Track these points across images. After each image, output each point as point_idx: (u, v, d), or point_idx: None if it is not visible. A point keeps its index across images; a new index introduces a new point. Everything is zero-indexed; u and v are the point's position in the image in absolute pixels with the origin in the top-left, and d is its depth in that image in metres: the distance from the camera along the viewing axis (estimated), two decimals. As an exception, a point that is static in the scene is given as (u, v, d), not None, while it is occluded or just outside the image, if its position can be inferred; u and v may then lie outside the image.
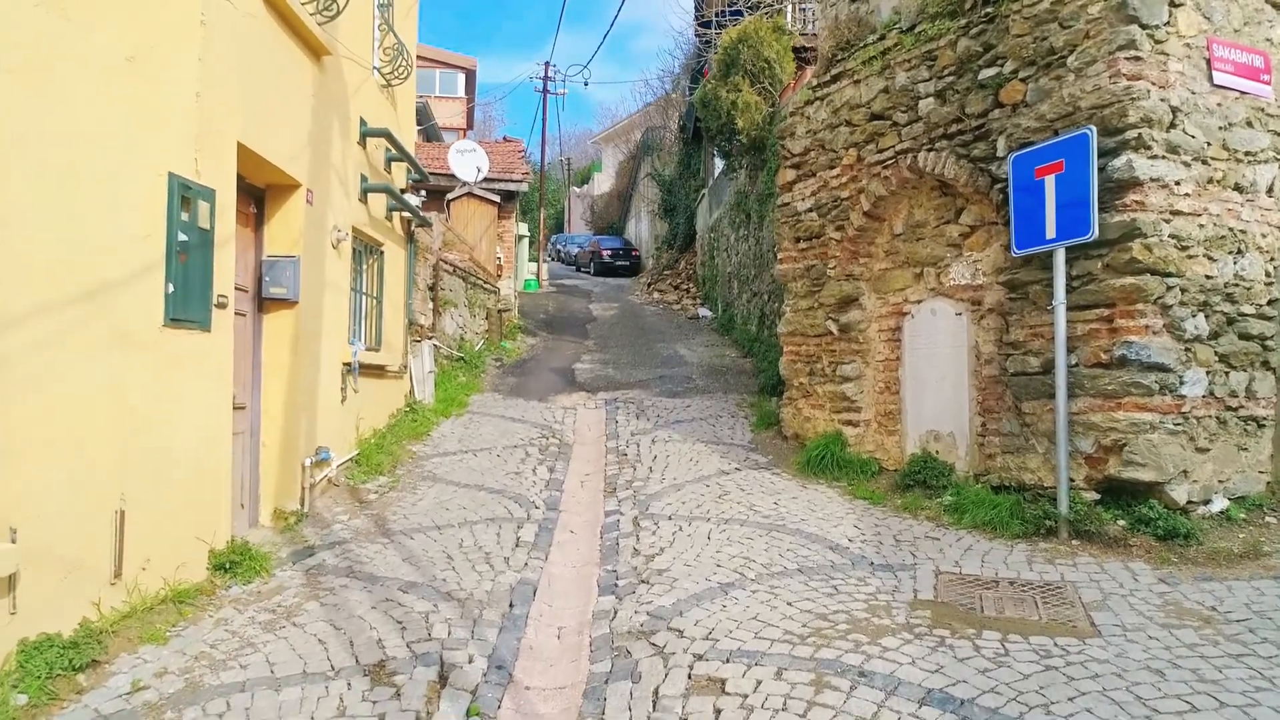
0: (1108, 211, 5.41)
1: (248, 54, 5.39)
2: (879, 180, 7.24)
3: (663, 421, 9.66)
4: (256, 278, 6.18)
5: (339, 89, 7.09)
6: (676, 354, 14.51)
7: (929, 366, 7.04)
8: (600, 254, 33.71)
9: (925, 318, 7.10)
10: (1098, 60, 5.48)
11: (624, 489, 7.20)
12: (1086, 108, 5.52)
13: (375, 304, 8.48)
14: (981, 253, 6.62)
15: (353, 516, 6.38)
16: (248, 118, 5.40)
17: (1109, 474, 5.41)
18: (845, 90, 7.70)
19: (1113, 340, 5.40)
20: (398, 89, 8.87)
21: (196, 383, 4.83)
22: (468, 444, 8.68)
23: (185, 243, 4.67)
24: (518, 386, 11.78)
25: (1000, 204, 6.20)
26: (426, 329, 10.26)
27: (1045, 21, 5.84)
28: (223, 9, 5.04)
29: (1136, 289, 5.29)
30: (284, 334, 6.28)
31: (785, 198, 8.59)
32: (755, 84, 12.84)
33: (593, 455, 8.59)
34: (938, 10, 6.74)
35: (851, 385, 7.65)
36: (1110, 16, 5.44)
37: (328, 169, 6.87)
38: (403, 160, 8.70)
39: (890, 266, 7.49)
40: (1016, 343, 6.04)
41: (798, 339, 8.36)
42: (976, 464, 6.58)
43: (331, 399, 7.06)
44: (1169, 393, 5.34)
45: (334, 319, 7.09)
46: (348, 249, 7.37)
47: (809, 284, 8.16)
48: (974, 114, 6.36)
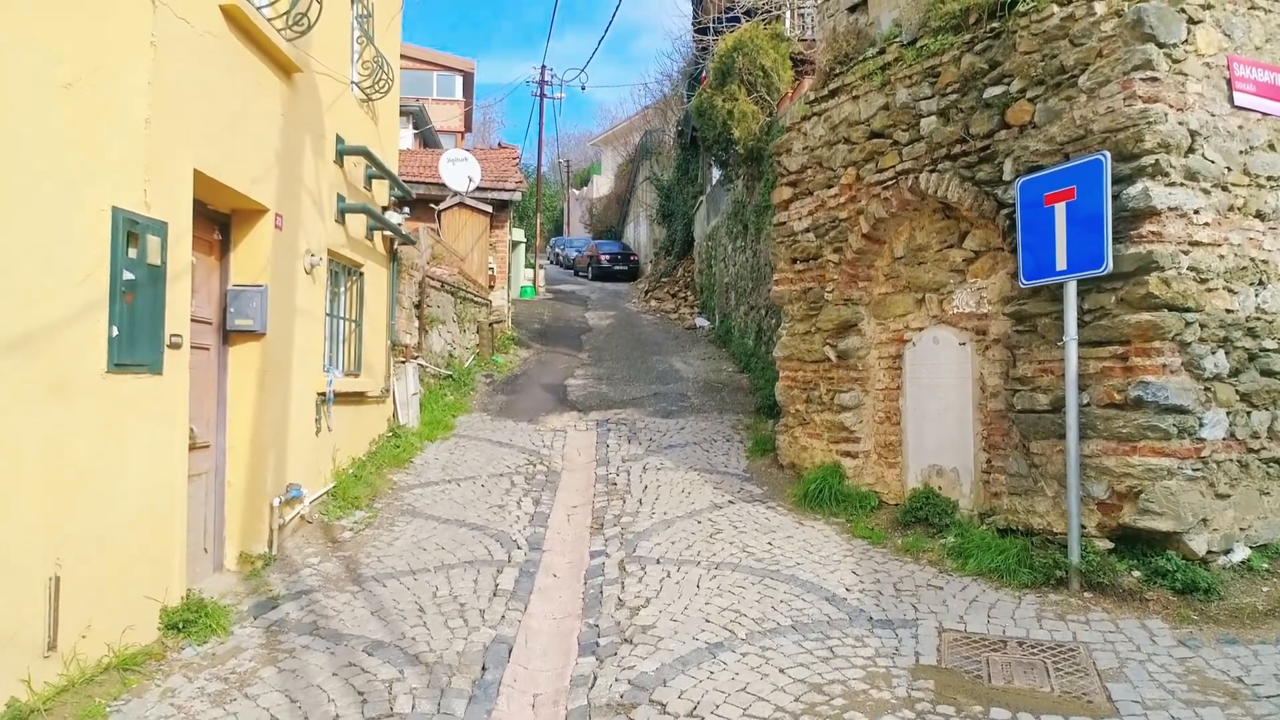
0: (1122, 242, 5.08)
1: (207, 75, 5.06)
2: (879, 202, 6.91)
3: (655, 446, 9.33)
4: (221, 308, 5.86)
5: (312, 106, 6.77)
6: (672, 368, 14.18)
7: (931, 398, 6.71)
8: (598, 259, 33.40)
9: (927, 346, 6.77)
10: (1111, 81, 5.15)
11: (611, 525, 6.87)
12: (1099, 131, 5.19)
13: (354, 328, 8.16)
14: (986, 280, 6.29)
15: (324, 559, 6.05)
16: (207, 142, 5.07)
17: (1123, 522, 5.08)
18: (844, 106, 7.37)
19: (1127, 380, 5.07)
20: (379, 103, 8.54)
21: (146, 430, 4.50)
22: (451, 472, 8.35)
23: (131, 281, 4.34)
24: (507, 406, 11.45)
25: (1007, 230, 5.87)
26: (412, 349, 9.93)
27: (1055, 38, 5.51)
28: (177, 28, 4.72)
29: (1153, 326, 4.95)
30: (251, 367, 5.96)
31: (781, 216, 8.25)
32: (752, 92, 12.51)
33: (581, 484, 8.26)
34: (940, 25, 6.41)
35: (850, 415, 7.31)
36: (1125, 34, 5.10)
37: (299, 191, 6.54)
38: (384, 178, 8.37)
39: (890, 291, 7.15)
40: (1024, 378, 5.71)
41: (794, 364, 8.02)
42: (981, 502, 6.25)
43: (304, 432, 6.73)
44: (1187, 436, 5.00)
45: (307, 348, 6.76)
46: (322, 273, 7.04)
47: (806, 307, 7.83)
48: (979, 135, 6.03)
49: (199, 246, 5.56)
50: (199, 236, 5.53)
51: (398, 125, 9.33)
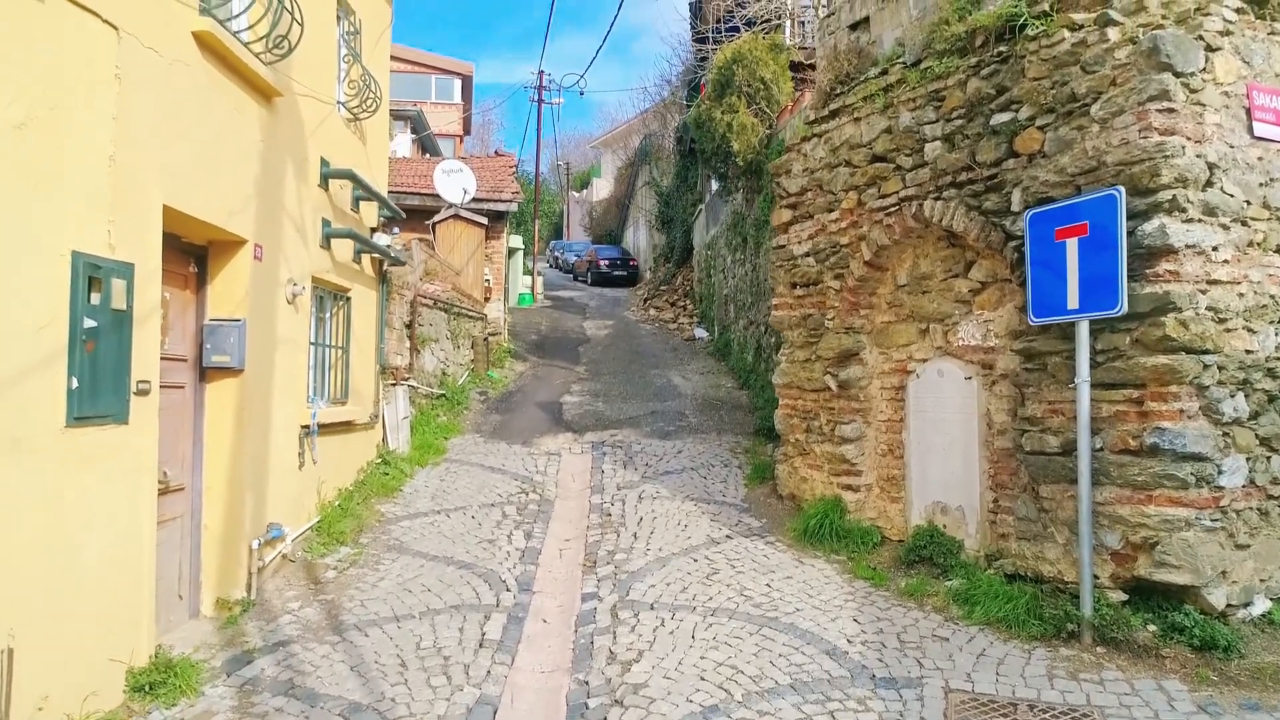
0: (1137, 280, 4.84)
1: (178, 105, 4.83)
2: (881, 229, 6.68)
3: (651, 472, 9.10)
4: (197, 344, 5.63)
5: (294, 130, 6.54)
6: (670, 384, 13.95)
7: (936, 433, 6.48)
8: (597, 264, 33.17)
9: (932, 379, 6.53)
10: (1126, 111, 4.91)
11: (605, 563, 6.64)
12: (1113, 163, 4.96)
13: (341, 354, 7.93)
14: (993, 312, 6.06)
15: (305, 604, 5.82)
16: (178, 176, 4.84)
17: (1139, 575, 4.85)
18: (845, 128, 7.13)
19: (1143, 425, 4.83)
20: (367, 122, 8.31)
21: (110, 484, 4.27)
22: (441, 502, 8.12)
23: (94, 329, 4.11)
24: (501, 426, 11.22)
25: (1015, 263, 5.63)
26: (403, 370, 9.71)
27: (1065, 64, 5.28)
28: (145, 59, 4.49)
29: (1170, 371, 4.72)
30: (229, 405, 5.72)
31: (781, 239, 8.02)
32: (751, 105, 12.28)
33: (575, 514, 8.03)
34: (945, 47, 6.17)
35: (851, 447, 7.08)
36: (1140, 62, 4.87)
37: (280, 219, 6.31)
38: (373, 199, 8.14)
39: (893, 320, 6.92)
40: (1033, 419, 5.47)
41: (794, 392, 7.79)
42: (987, 543, 6.01)
43: (286, 468, 6.50)
44: (1206, 484, 4.76)
45: (289, 380, 6.53)
46: (306, 302, 6.81)
47: (806, 334, 7.60)
48: (986, 162, 5.79)
49: (172, 281, 5.35)
50: (172, 271, 5.31)
51: (387, 144, 9.10)
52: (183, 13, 4.88)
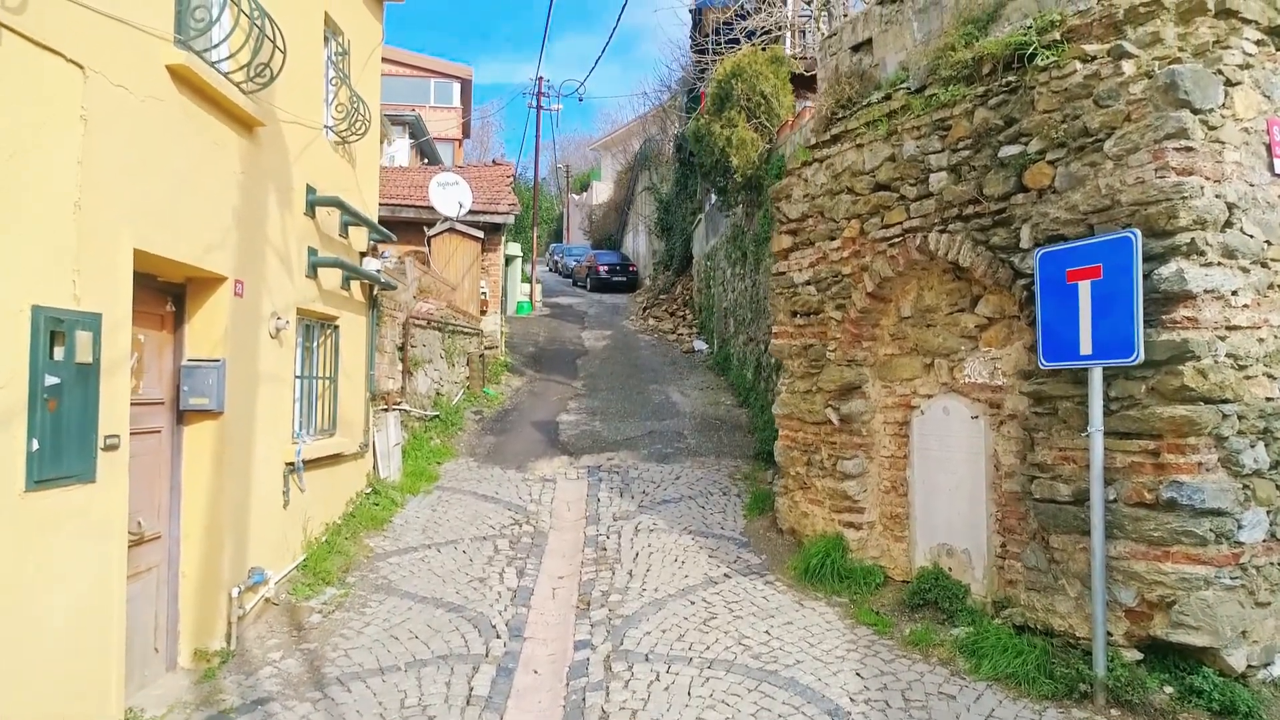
0: (1154, 326, 4.63)
1: (151, 143, 4.63)
2: (885, 260, 6.47)
3: (649, 500, 8.89)
4: (174, 385, 5.42)
5: (278, 159, 6.33)
6: (669, 401, 13.74)
7: (941, 472, 6.26)
8: (597, 269, 32.95)
9: (937, 416, 6.32)
10: (1141, 148, 4.70)
11: (599, 605, 6.43)
12: (1127, 203, 4.74)
13: (329, 385, 7.71)
14: (1001, 350, 5.85)
15: (286, 654, 5.60)
16: (151, 217, 4.63)
17: (1154, 634, 4.64)
18: (847, 154, 6.92)
19: (1159, 478, 4.62)
20: (357, 144, 8.09)
21: (75, 547, 4.06)
22: (432, 535, 7.91)
23: (56, 386, 3.90)
24: (495, 449, 11.00)
25: (1024, 302, 5.42)
26: (394, 395, 9.49)
27: (1077, 97, 5.06)
28: (114, 97, 4.28)
29: (1188, 422, 4.50)
30: (207, 448, 5.52)
31: (781, 266, 7.81)
32: (751, 119, 12.06)
33: (569, 548, 7.81)
34: (951, 74, 5.96)
35: (853, 484, 6.87)
36: (1156, 98, 4.65)
37: (263, 251, 6.11)
38: (362, 224, 7.93)
39: (897, 353, 6.71)
40: (1043, 465, 5.25)
41: (794, 423, 7.58)
42: (995, 589, 5.80)
43: (270, 508, 6.29)
44: (1225, 540, 4.55)
45: (273, 417, 6.32)
46: (291, 335, 6.60)
47: (807, 364, 7.38)
48: (993, 196, 5.58)
49: (147, 322, 5.14)
50: (146, 312, 5.11)
51: (377, 165, 8.89)
52: (156, 46, 4.67)
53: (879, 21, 7.04)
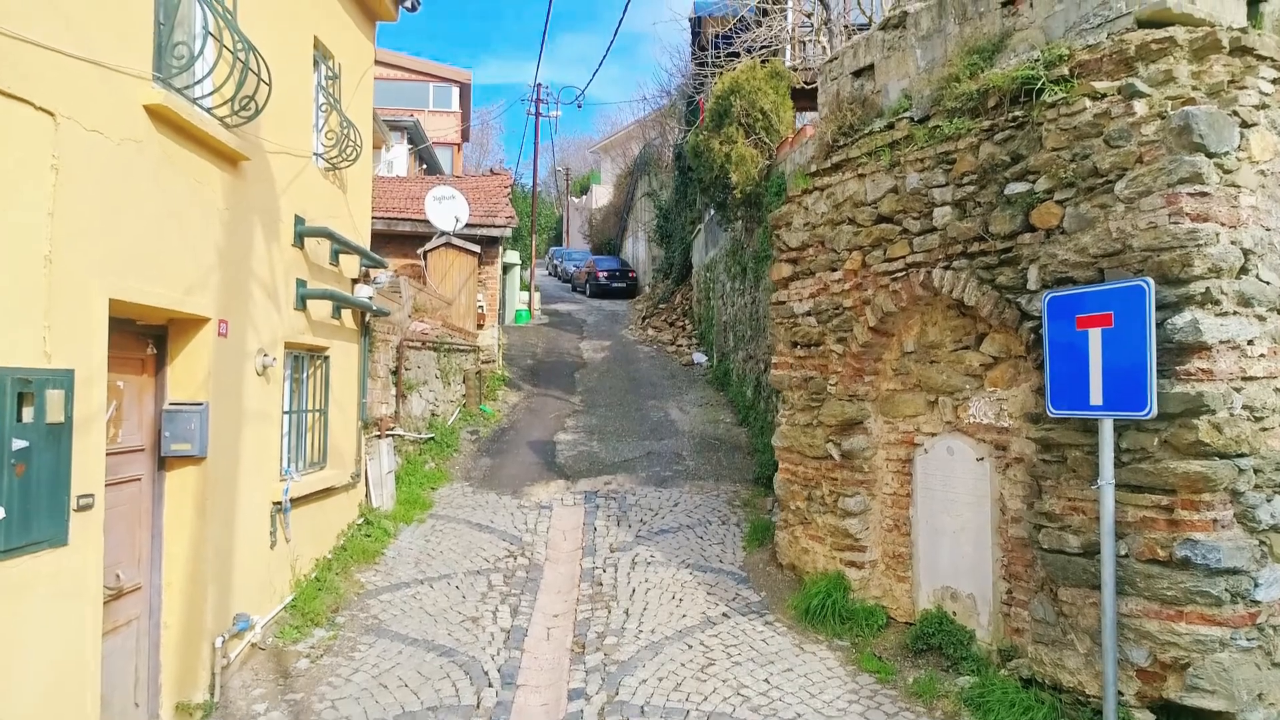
0: (1167, 377, 4.47)
1: (128, 187, 4.46)
2: (887, 294, 6.30)
3: (646, 530, 8.72)
4: (155, 430, 5.26)
5: (264, 191, 6.17)
6: (667, 418, 13.58)
7: (945, 514, 6.10)
8: (596, 275, 32.82)
9: (940, 455, 6.16)
10: (1154, 192, 4.54)
11: (593, 648, 6.26)
12: (1139, 248, 4.58)
13: (319, 417, 7.55)
14: (1007, 391, 5.68)
15: (271, 705, 5.44)
16: (127, 264, 4.47)
17: (1168, 697, 4.47)
18: (848, 184, 6.76)
19: (1172, 534, 4.46)
20: (348, 169, 7.92)
21: (46, 613, 3.89)
22: (424, 568, 7.74)
23: (24, 450, 3.74)
24: (491, 472, 10.83)
25: (1031, 345, 5.26)
26: (388, 420, 9.33)
27: (1087, 136, 4.90)
28: (88, 143, 4.12)
29: (1203, 478, 4.34)
30: (190, 494, 5.36)
31: (781, 295, 7.64)
32: (750, 135, 11.89)
33: (565, 583, 7.65)
34: (955, 106, 5.79)
35: (855, 521, 6.70)
36: (1170, 141, 4.49)
37: (249, 287, 5.95)
38: (353, 252, 7.76)
39: (899, 389, 6.55)
40: (1051, 514, 5.09)
41: (794, 457, 7.41)
42: (1000, 636, 5.64)
43: (256, 550, 6.13)
44: (1241, 600, 4.39)
45: (260, 458, 6.16)
46: (278, 371, 6.44)
47: (807, 397, 7.22)
48: (1000, 234, 5.42)
49: (126, 367, 4.98)
50: (126, 357, 4.95)
51: (370, 190, 8.71)
52: (134, 86, 4.51)
53: (881, 47, 6.87)
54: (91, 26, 4.14)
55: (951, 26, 6.21)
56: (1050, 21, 5.49)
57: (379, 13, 8.51)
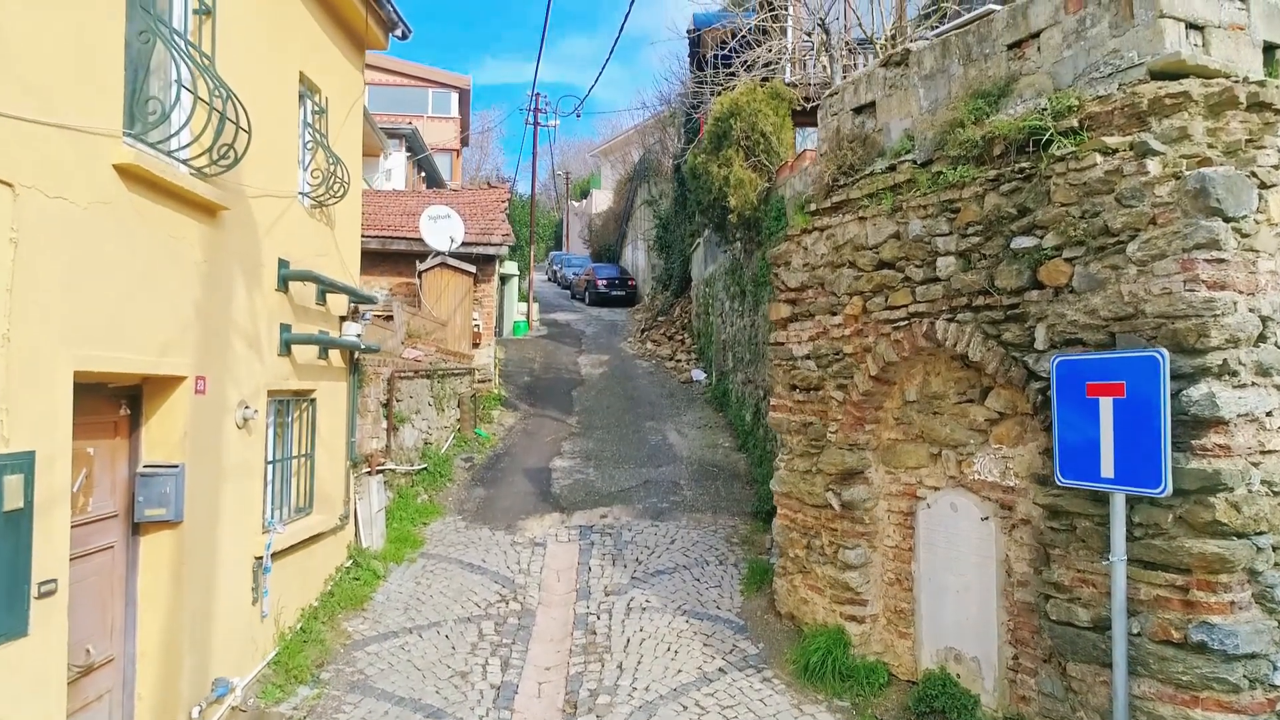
0: (1182, 451, 4.27)
1: (97, 251, 4.28)
2: (889, 343, 6.11)
3: (642, 570, 8.52)
4: (129, 494, 5.07)
5: (245, 237, 5.97)
6: (665, 442, 13.38)
7: (949, 572, 5.91)
8: (596, 284, 32.67)
9: (944, 511, 5.96)
10: (1168, 256, 4.34)
11: (585, 709, 6.07)
12: (1153, 314, 4.38)
13: (306, 462, 7.36)
14: (1013, 449, 5.49)
15: (250, 777, 5.25)
16: (95, 332, 4.29)
17: (1183, 786, 4.28)
18: (849, 226, 6.56)
19: (1188, 616, 4.26)
20: (337, 205, 7.71)
21: (6, 705, 3.71)
22: (414, 614, 7.54)
23: (-20, 542, 3.55)
24: (485, 504, 10.63)
25: (1039, 406, 5.06)
26: (378, 455, 9.14)
27: (1097, 193, 4.70)
28: (51, 211, 3.93)
29: (1220, 560, 4.15)
30: (166, 559, 5.17)
31: (779, 336, 7.45)
32: (750, 157, 11.69)
33: (558, 630, 7.45)
34: (959, 153, 5.59)
35: (856, 574, 6.51)
36: (1185, 204, 4.29)
37: (229, 339, 5.76)
38: (341, 292, 7.57)
39: (901, 438, 6.35)
40: (1060, 585, 4.89)
41: (793, 503, 7.22)
42: (1006, 703, 5.45)
43: (238, 608, 5.94)
44: (1260, 685, 4.20)
45: (241, 512, 5.97)
46: (260, 422, 6.25)
47: (806, 443, 7.02)
48: (1006, 289, 5.22)
49: (97, 431, 4.79)
50: (97, 422, 4.77)
51: (359, 224, 8.51)
52: (103, 146, 4.32)
53: (883, 84, 6.67)
54: (54, 89, 3.95)
55: (955, 67, 6.01)
56: (1058, 67, 5.29)
57: (368, 41, 8.31)
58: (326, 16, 7.41)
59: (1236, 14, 4.97)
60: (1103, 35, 5.01)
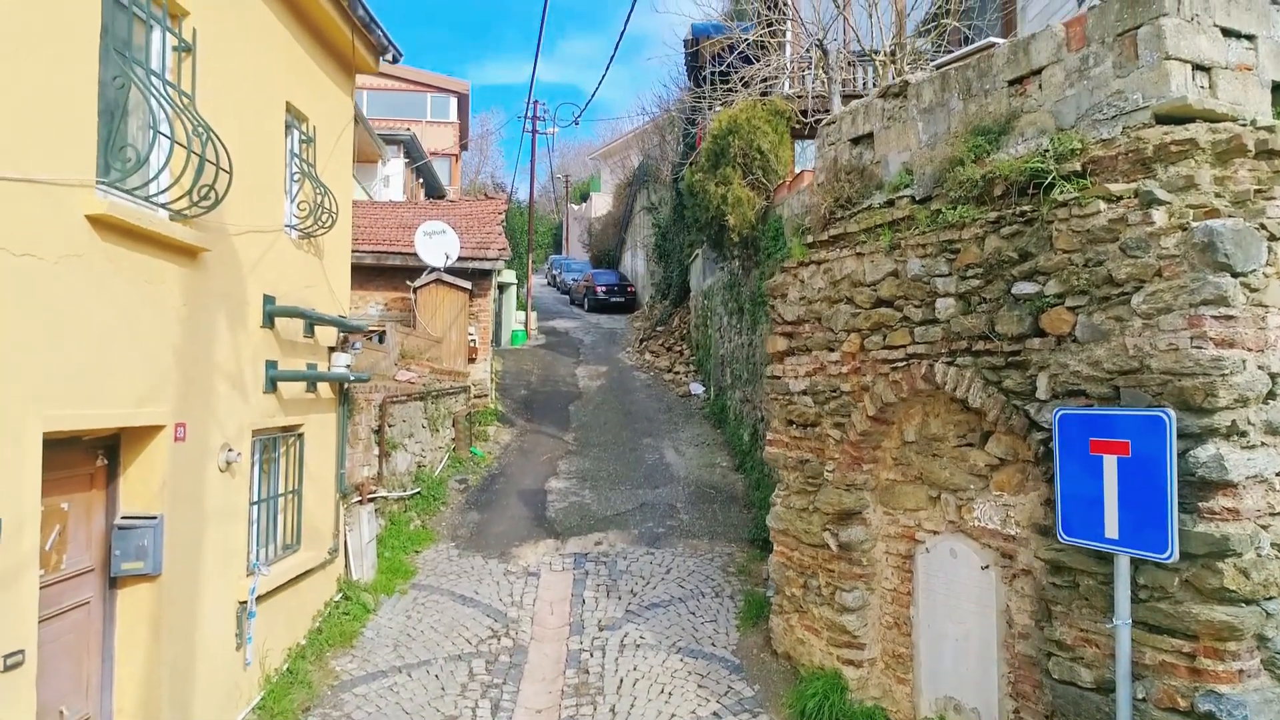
0: (1189, 513, 4.13)
1: (68, 306, 4.15)
2: (887, 383, 5.97)
3: (637, 603, 8.38)
4: (105, 547, 4.94)
5: (228, 276, 5.84)
6: (663, 461, 13.25)
7: (949, 619, 5.77)
8: (595, 290, 32.55)
9: (943, 556, 5.83)
10: (1174, 310, 4.20)
11: (577, 757, 5.94)
12: (1158, 370, 4.24)
13: (293, 498, 7.22)
14: (1014, 497, 5.35)
15: (231, 835, 5.12)
16: (68, 388, 4.16)
17: None
18: (846, 261, 6.43)
19: (1194, 683, 4.12)
20: (325, 235, 7.57)
21: (-33, 791, 3.59)
22: (403, 652, 7.41)
23: (-60, 621, 3.42)
24: (478, 530, 10.49)
25: (1041, 457, 4.92)
26: (370, 483, 9.00)
27: (1101, 241, 4.56)
28: (17, 269, 3.81)
29: (1228, 627, 4.01)
30: (144, 613, 5.04)
31: (776, 370, 7.31)
32: (748, 174, 11.54)
33: (550, 667, 7.32)
34: (959, 193, 5.45)
35: (853, 618, 6.37)
36: (1192, 257, 4.15)
37: (211, 382, 5.62)
38: (330, 324, 7.43)
39: (900, 479, 6.22)
40: (1062, 643, 4.75)
41: (790, 540, 7.08)
42: (1007, 757, 5.31)
43: (220, 655, 5.81)
44: (1269, 756, 4.06)
45: (224, 558, 5.84)
46: (245, 464, 6.12)
47: (803, 480, 6.89)
48: (1007, 335, 5.08)
49: (73, 485, 4.67)
50: (72, 476, 4.64)
51: (348, 252, 8.37)
52: (75, 196, 4.19)
53: (881, 116, 6.53)
54: (20, 144, 3.82)
55: (955, 102, 5.87)
56: (1061, 106, 5.14)
57: (358, 66, 8.17)
58: (314, 44, 7.27)
59: (1244, 54, 4.83)
60: (1106, 75, 4.87)
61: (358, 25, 7.55)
